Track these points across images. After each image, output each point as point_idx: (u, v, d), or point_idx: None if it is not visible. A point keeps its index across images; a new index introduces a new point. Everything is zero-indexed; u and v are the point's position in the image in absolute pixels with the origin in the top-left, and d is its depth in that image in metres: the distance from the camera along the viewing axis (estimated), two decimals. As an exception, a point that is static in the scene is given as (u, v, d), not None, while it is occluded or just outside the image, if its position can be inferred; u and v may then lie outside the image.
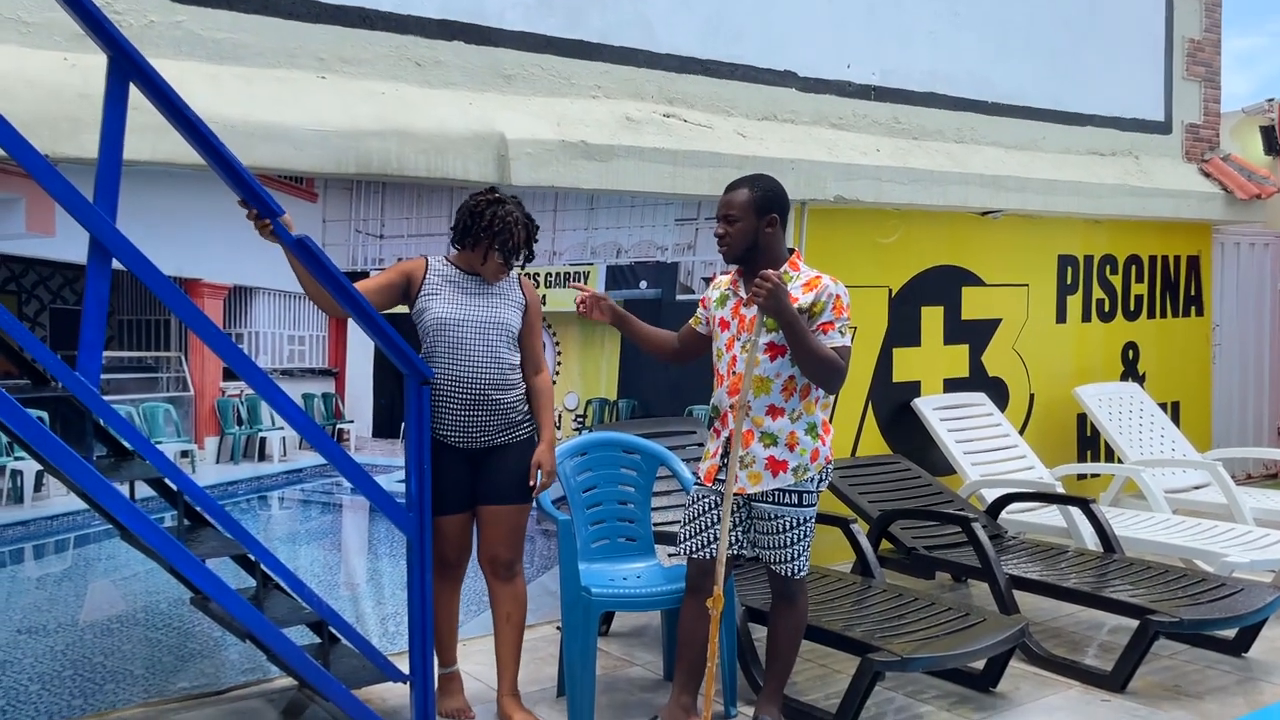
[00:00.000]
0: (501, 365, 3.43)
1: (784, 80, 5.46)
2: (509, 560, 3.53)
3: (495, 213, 3.39)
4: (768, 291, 3.04)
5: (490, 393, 3.40)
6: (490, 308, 3.44)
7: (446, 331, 3.38)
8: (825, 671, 4.04)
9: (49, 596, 3.58)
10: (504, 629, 3.55)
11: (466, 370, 3.38)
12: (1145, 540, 4.86)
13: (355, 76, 4.15)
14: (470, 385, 3.38)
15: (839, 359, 3.16)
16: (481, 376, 3.39)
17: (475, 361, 3.38)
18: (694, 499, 3.37)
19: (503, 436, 3.46)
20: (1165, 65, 7.33)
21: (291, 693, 3.81)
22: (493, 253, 3.41)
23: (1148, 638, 3.76)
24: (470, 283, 3.47)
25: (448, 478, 3.41)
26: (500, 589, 3.54)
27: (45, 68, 3.43)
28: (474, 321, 3.41)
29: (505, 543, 3.51)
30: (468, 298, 3.44)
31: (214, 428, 3.93)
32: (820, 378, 3.17)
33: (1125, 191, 6.65)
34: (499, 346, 3.43)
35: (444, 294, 3.43)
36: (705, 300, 3.46)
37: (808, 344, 3.11)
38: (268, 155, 3.70)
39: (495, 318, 3.43)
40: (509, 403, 3.45)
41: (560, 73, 4.71)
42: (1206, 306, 7.67)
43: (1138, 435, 6.38)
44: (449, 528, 3.49)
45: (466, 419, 3.40)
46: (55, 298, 3.61)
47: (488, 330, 3.41)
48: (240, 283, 3.93)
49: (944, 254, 6.15)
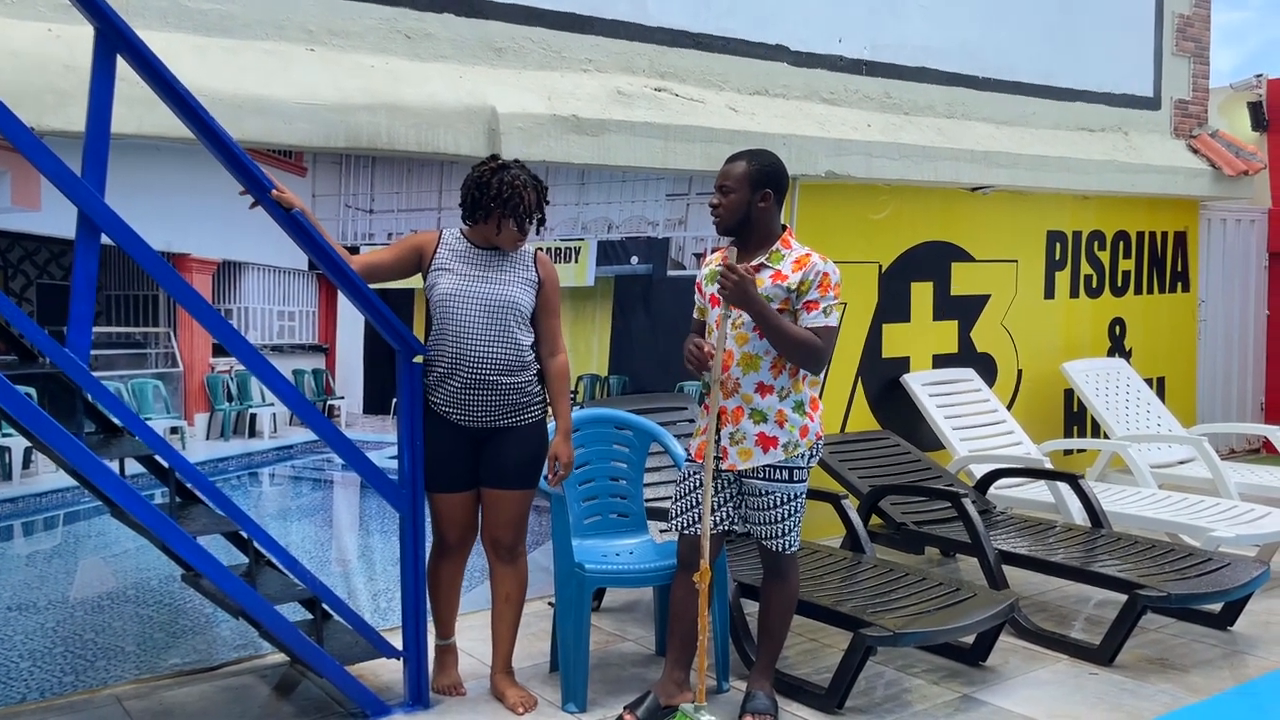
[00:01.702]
0: (510, 346, 3.32)
1: (776, 54, 5.43)
2: (511, 544, 3.49)
3: (502, 179, 3.30)
4: (734, 284, 3.08)
5: (496, 375, 3.31)
6: (500, 284, 3.33)
7: (452, 308, 3.29)
8: (816, 646, 4.07)
9: (39, 574, 3.56)
10: (503, 608, 3.52)
11: (472, 349, 3.29)
12: (1132, 515, 4.90)
13: (344, 49, 4.10)
14: (476, 365, 3.29)
15: (815, 339, 3.15)
16: (488, 356, 3.29)
17: (481, 340, 3.29)
18: (685, 475, 3.38)
19: (509, 419, 3.37)
20: (1155, 40, 7.32)
21: (284, 669, 3.82)
22: (505, 221, 3.31)
23: (1135, 612, 3.80)
24: (482, 258, 3.37)
25: (450, 455, 3.36)
26: (502, 569, 3.51)
27: (29, 39, 3.37)
28: (480, 298, 3.30)
29: (507, 527, 3.46)
30: (477, 273, 3.34)
31: (204, 404, 3.90)
32: (799, 360, 3.18)
33: (1114, 167, 6.66)
34: (508, 326, 3.32)
35: (454, 269, 3.34)
36: (699, 282, 3.43)
37: (781, 331, 3.13)
38: (256, 129, 3.66)
39: (504, 295, 3.32)
40: (518, 385, 3.35)
41: (551, 46, 4.67)
42: (1193, 282, 7.70)
43: (1124, 411, 6.42)
44: (448, 506, 3.44)
45: (471, 399, 3.32)
46: (42, 273, 3.56)
47: (494, 308, 3.30)
48: (229, 258, 3.89)
49: (934, 230, 6.15)
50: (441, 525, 3.47)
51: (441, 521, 3.47)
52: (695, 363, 3.22)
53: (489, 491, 3.43)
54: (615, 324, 4.89)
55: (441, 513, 3.46)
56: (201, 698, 3.59)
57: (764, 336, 3.17)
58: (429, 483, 3.40)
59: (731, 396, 3.23)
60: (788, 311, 3.19)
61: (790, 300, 3.19)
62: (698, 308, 3.46)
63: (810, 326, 3.16)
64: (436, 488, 3.41)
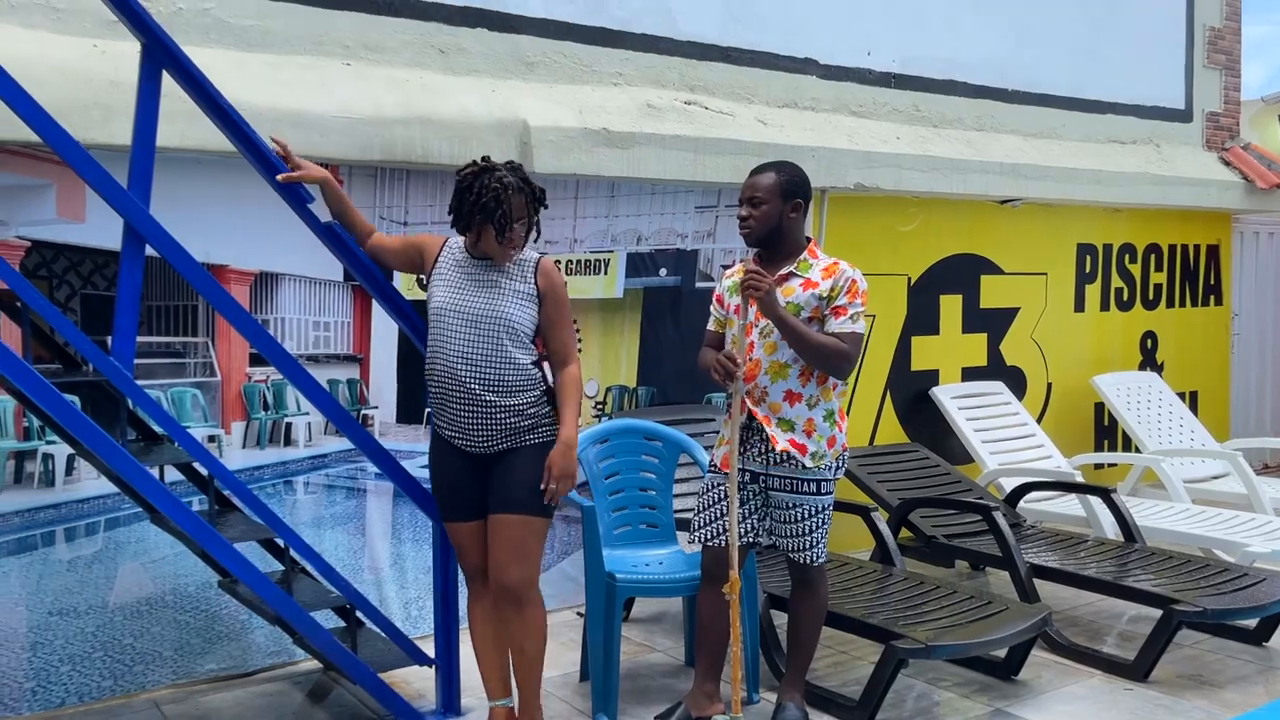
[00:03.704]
0: (504, 365, 3.00)
1: (805, 67, 5.45)
2: (515, 583, 3.04)
3: (484, 183, 2.99)
4: (767, 287, 3.09)
5: (491, 396, 3.00)
6: (491, 299, 3.04)
7: (443, 323, 3.03)
8: (845, 658, 4.06)
9: (80, 579, 3.62)
10: (518, 660, 3.15)
11: (457, 366, 3.00)
12: (1165, 530, 4.86)
13: (380, 63, 4.16)
14: (462, 383, 3.00)
15: (842, 345, 3.14)
16: (479, 376, 3.00)
17: (466, 357, 3.00)
18: (709, 486, 3.36)
19: (511, 441, 3.06)
20: (1186, 53, 7.29)
21: (317, 675, 3.85)
22: (486, 229, 3.00)
23: (1171, 627, 3.77)
24: (478, 269, 3.09)
25: (458, 481, 3.11)
26: (510, 619, 3.11)
27: (76, 55, 3.45)
28: (467, 312, 3.02)
29: (506, 560, 3.04)
30: (470, 285, 3.06)
31: (240, 413, 3.96)
32: (824, 365, 3.17)
33: (1145, 180, 6.63)
34: (501, 344, 3.01)
35: (449, 280, 3.09)
36: (719, 297, 3.43)
37: (805, 339, 3.13)
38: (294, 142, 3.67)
39: (493, 310, 3.02)
40: (517, 407, 3.03)
41: (582, 60, 4.71)
42: (1226, 296, 7.64)
43: (1156, 425, 6.37)
44: (461, 536, 3.18)
45: (468, 421, 3.04)
46: (86, 283, 3.63)
47: (482, 323, 3.00)
48: (266, 268, 3.95)
49: (963, 242, 6.14)
50: (460, 557, 3.25)
51: (460, 552, 3.23)
52: (725, 375, 3.20)
53: (495, 518, 3.07)
54: (644, 335, 4.92)
55: (457, 543, 3.22)
56: (237, 703, 3.63)
57: (789, 342, 3.18)
58: (441, 511, 3.20)
59: (759, 405, 3.23)
60: (817, 319, 3.21)
61: (820, 307, 3.20)
62: (715, 319, 3.44)
63: (837, 332, 3.16)
64: (448, 516, 3.18)
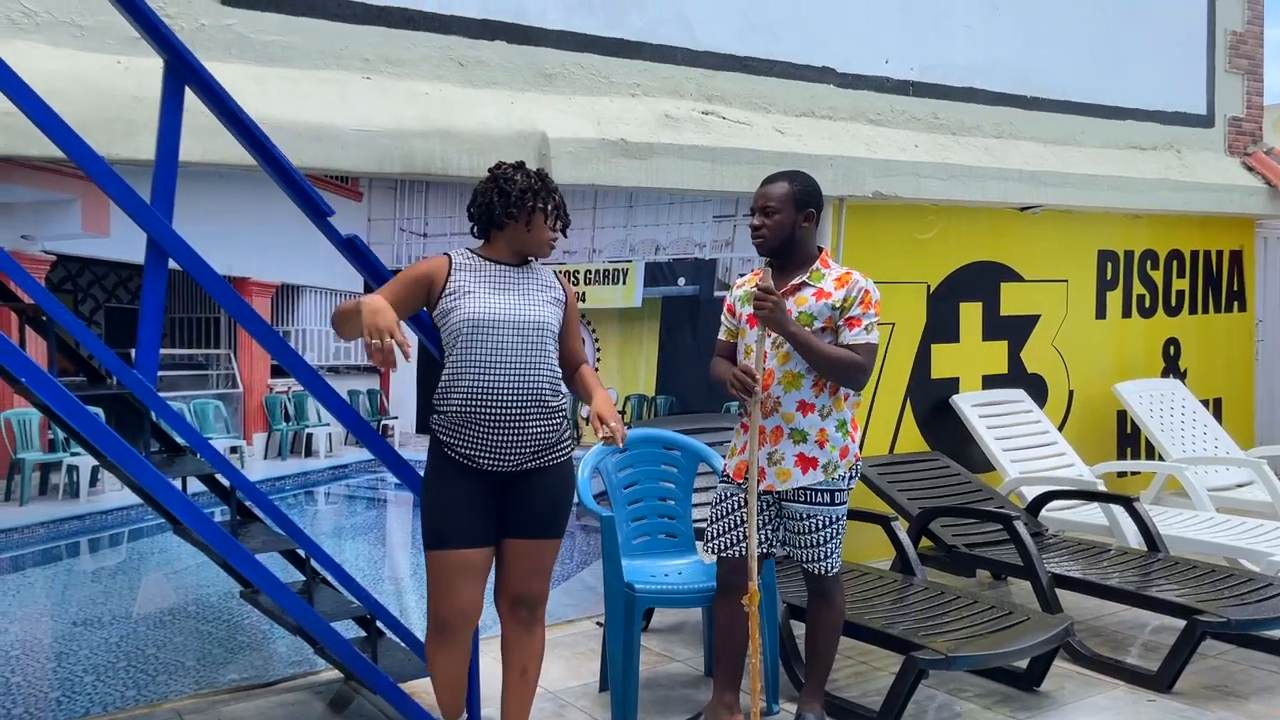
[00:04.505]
0: (548, 371, 2.92)
1: (822, 76, 5.45)
2: (539, 597, 3.01)
3: (526, 172, 2.96)
4: (773, 305, 3.08)
5: (529, 404, 2.87)
6: (530, 304, 2.92)
7: (482, 331, 2.84)
8: (864, 668, 4.04)
9: (104, 590, 3.65)
10: (517, 685, 3.04)
11: (509, 379, 2.84)
12: (1189, 539, 4.82)
13: (399, 77, 4.19)
14: (514, 397, 2.85)
15: (855, 357, 3.14)
16: (525, 387, 2.86)
17: (518, 368, 2.85)
18: (722, 496, 3.36)
19: (540, 458, 2.93)
20: (1207, 58, 7.24)
21: (338, 685, 3.87)
22: (537, 216, 2.91)
23: (1195, 638, 3.73)
24: (504, 276, 2.94)
25: (470, 504, 2.88)
26: (519, 636, 3.02)
27: (99, 70, 3.49)
28: (513, 321, 2.87)
29: (535, 580, 2.99)
30: (504, 293, 2.90)
31: (262, 424, 3.99)
32: (839, 378, 3.18)
33: (1166, 186, 6.58)
34: (546, 349, 2.91)
35: (476, 290, 2.88)
36: (731, 304, 3.42)
37: (816, 350, 3.13)
38: (315, 155, 3.75)
39: (536, 316, 2.91)
40: (551, 418, 2.93)
41: (600, 71, 4.73)
42: (1249, 302, 7.57)
43: (1179, 432, 6.32)
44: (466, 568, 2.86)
45: (504, 437, 2.85)
46: (110, 296, 3.68)
47: (528, 330, 2.88)
48: (288, 281, 3.99)
49: (983, 249, 6.12)
50: (453, 594, 2.87)
51: (453, 589, 2.87)
52: (743, 388, 3.18)
53: (516, 543, 2.95)
54: (662, 344, 4.93)
55: (455, 577, 2.87)
56: (258, 713, 3.65)
57: (802, 357, 3.18)
58: (444, 539, 2.86)
59: (771, 416, 3.23)
60: (830, 329, 3.21)
61: (834, 317, 3.20)
62: (726, 329, 3.43)
63: (851, 344, 3.17)
64: (459, 543, 2.86)
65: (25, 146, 3.17)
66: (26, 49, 3.41)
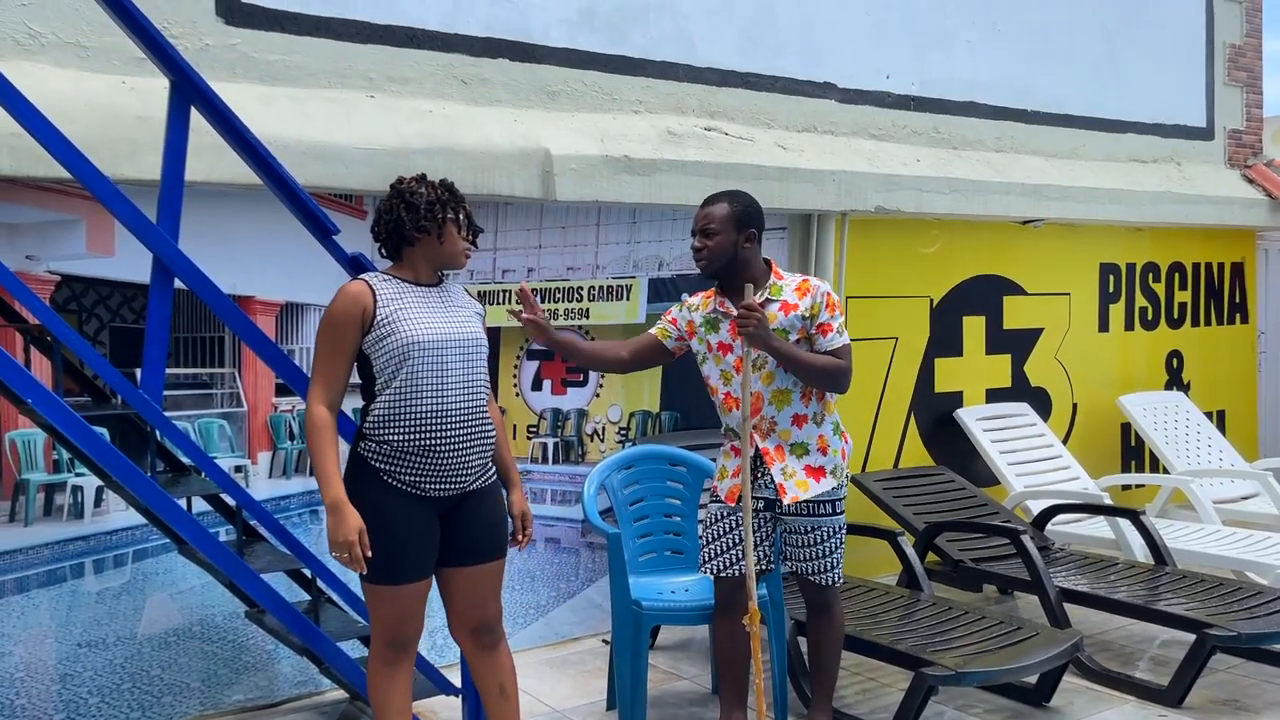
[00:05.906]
0: (484, 391, 2.85)
1: (824, 92, 5.47)
2: (496, 617, 2.94)
3: (429, 184, 2.83)
4: (757, 322, 3.06)
5: (478, 427, 2.80)
6: (464, 323, 2.82)
7: (429, 356, 2.71)
8: (873, 684, 4.02)
9: (108, 610, 3.64)
10: (501, 703, 2.96)
11: (458, 401, 2.75)
12: (1196, 552, 4.80)
13: (403, 95, 4.20)
14: (463, 418, 2.76)
15: (839, 361, 3.19)
16: (473, 406, 2.79)
17: (465, 389, 2.77)
18: (715, 518, 3.33)
19: (479, 479, 2.85)
20: (1206, 71, 7.26)
21: (343, 705, 3.85)
22: (448, 227, 2.79)
23: (1205, 652, 3.71)
24: (430, 296, 2.82)
25: (420, 534, 2.76)
26: (488, 661, 2.94)
27: (105, 91, 3.50)
28: (457, 341, 2.77)
29: (488, 598, 2.91)
30: (437, 313, 2.79)
31: (267, 443, 3.98)
32: (826, 384, 3.21)
33: (1168, 199, 6.59)
34: (483, 367, 2.84)
35: (410, 314, 2.74)
36: (675, 318, 3.40)
37: (804, 363, 3.14)
38: (320, 174, 3.75)
39: (475, 335, 2.83)
40: (490, 437, 2.86)
41: (603, 88, 4.74)
42: (1251, 314, 7.57)
43: (1184, 445, 6.30)
44: (415, 598, 2.79)
45: (453, 461, 2.76)
46: (114, 316, 3.67)
47: (469, 349, 2.80)
48: (292, 299, 3.99)
49: (985, 263, 6.12)
50: (402, 625, 2.80)
51: (413, 615, 2.82)
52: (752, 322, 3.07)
53: (466, 571, 2.85)
54: (667, 361, 4.91)
55: (413, 605, 2.80)
56: (264, 734, 3.64)
57: (789, 370, 3.18)
58: (402, 573, 2.74)
59: (768, 437, 3.23)
60: (804, 339, 3.21)
61: (805, 327, 3.20)
62: (660, 328, 3.41)
63: (829, 349, 3.19)
64: (409, 576, 2.75)
65: (31, 167, 3.17)
66: (32, 70, 3.42)
